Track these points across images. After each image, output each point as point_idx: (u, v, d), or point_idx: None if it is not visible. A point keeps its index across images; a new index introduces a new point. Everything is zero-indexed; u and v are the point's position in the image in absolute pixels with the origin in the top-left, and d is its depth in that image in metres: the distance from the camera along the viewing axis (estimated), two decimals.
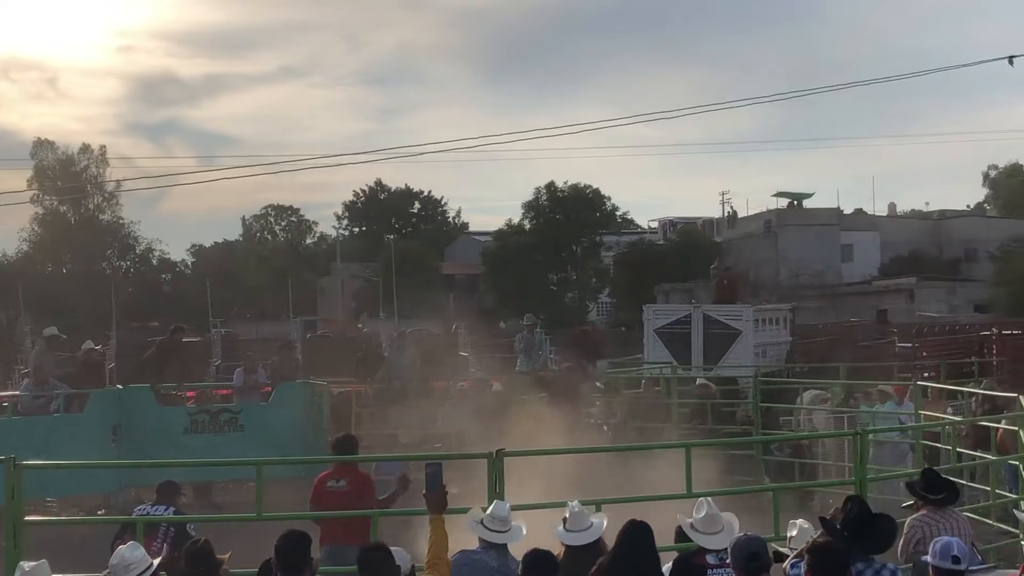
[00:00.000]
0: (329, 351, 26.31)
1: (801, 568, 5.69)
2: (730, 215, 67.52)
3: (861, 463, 9.31)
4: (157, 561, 5.94)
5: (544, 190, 61.73)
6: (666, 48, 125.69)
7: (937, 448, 13.44)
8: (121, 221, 71.30)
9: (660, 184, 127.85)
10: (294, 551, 5.77)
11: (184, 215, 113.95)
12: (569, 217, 61.05)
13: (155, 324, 45.84)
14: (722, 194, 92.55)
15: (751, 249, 55.98)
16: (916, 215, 72.20)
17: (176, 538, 8.13)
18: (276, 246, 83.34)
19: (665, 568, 6.13)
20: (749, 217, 64.63)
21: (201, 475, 14.66)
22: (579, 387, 16.80)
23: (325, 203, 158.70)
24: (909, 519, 7.48)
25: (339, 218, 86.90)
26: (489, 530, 6.33)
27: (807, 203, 62.48)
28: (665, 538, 6.54)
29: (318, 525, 8.65)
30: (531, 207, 62.05)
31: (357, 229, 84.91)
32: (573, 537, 6.27)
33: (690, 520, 6.33)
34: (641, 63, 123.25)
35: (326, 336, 35.73)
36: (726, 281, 24.25)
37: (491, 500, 7.04)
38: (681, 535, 6.44)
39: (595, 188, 63.84)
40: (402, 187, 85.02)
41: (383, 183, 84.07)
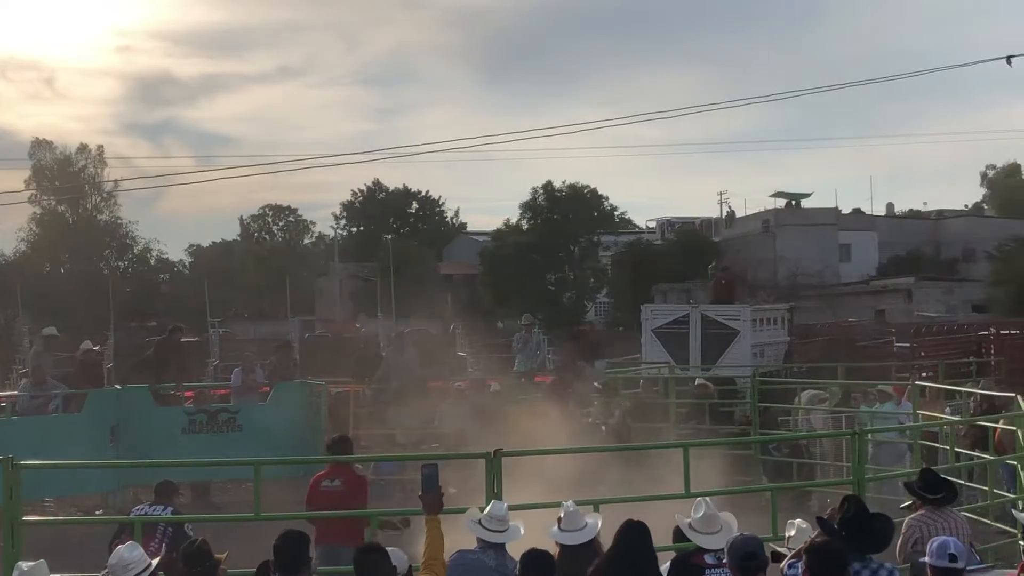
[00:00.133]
0: (327, 351, 26.28)
1: (798, 568, 5.68)
2: (728, 215, 67.52)
3: (859, 463, 9.32)
4: (155, 561, 5.93)
5: (542, 190, 61.67)
6: (664, 48, 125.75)
7: (935, 448, 13.46)
8: (119, 221, 71.16)
9: (658, 184, 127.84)
10: (292, 551, 5.78)
11: (182, 215, 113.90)
12: (567, 217, 60.93)
13: (153, 324, 45.72)
14: (720, 194, 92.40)
15: (749, 249, 55.96)
16: (914, 215, 72.19)
17: (174, 538, 8.12)
18: (274, 246, 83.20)
19: (663, 568, 6.14)
20: (747, 217, 64.62)
21: (199, 475, 14.70)
22: (571, 386, 16.79)
23: (323, 203, 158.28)
24: (907, 519, 7.49)
25: (337, 218, 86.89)
26: (487, 530, 6.34)
27: (805, 203, 62.52)
28: (665, 538, 6.55)
29: (313, 525, 8.66)
30: (529, 207, 61.93)
31: (355, 229, 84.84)
32: (567, 537, 6.28)
33: (688, 520, 6.33)
34: (639, 63, 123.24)
35: (324, 336, 35.66)
36: (724, 281, 24.19)
37: (489, 500, 7.05)
38: (679, 535, 6.45)
39: (593, 188, 63.79)
40: (400, 187, 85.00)
41: (381, 183, 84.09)
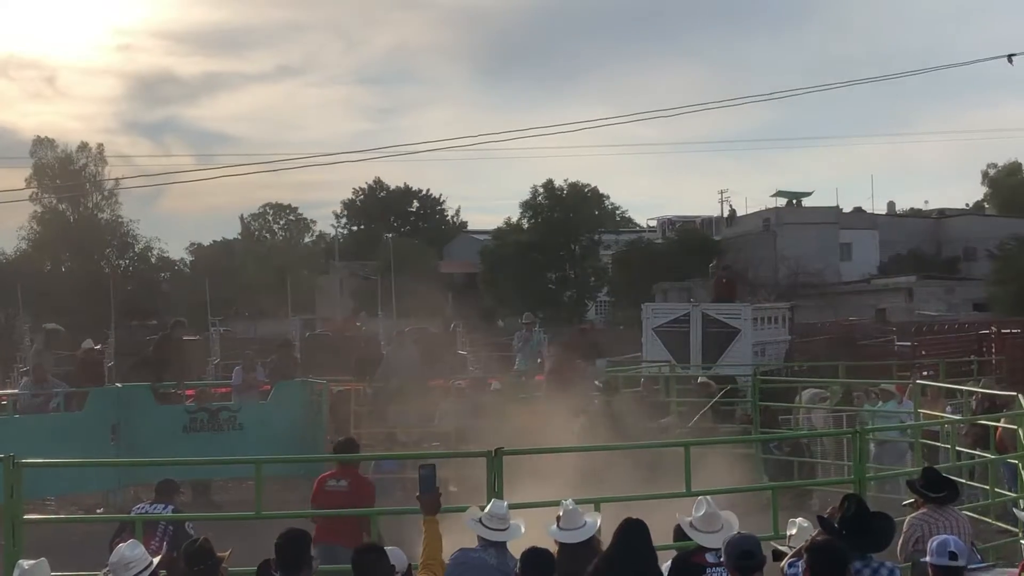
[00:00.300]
0: (328, 350, 26.25)
1: (799, 567, 5.67)
2: (729, 214, 67.52)
3: (860, 462, 9.31)
4: (156, 560, 5.93)
5: (542, 189, 61.64)
6: (664, 46, 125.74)
7: (936, 447, 13.46)
8: (120, 220, 71.10)
9: (658, 183, 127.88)
10: (294, 549, 5.77)
11: (182, 214, 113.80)
12: (568, 216, 60.92)
13: (154, 323, 45.74)
14: (721, 193, 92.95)
15: (750, 248, 55.94)
16: (915, 214, 72.19)
17: (175, 537, 8.12)
18: (274, 245, 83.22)
19: (664, 567, 6.13)
20: (748, 216, 64.62)
21: (200, 474, 14.70)
22: (570, 380, 16.73)
23: (323, 202, 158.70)
24: (909, 517, 7.48)
25: (338, 216, 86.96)
26: (488, 528, 6.34)
27: (806, 202, 62.56)
28: (667, 537, 6.55)
29: (314, 523, 8.65)
30: (529, 206, 61.93)
31: (355, 228, 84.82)
32: (566, 535, 6.28)
33: (689, 519, 6.33)
34: (639, 61, 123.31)
35: (324, 335, 35.62)
36: (725, 280, 24.18)
37: (490, 498, 7.05)
38: (680, 534, 6.45)
39: (594, 187, 63.87)
40: (401, 186, 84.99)
41: (382, 182, 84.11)
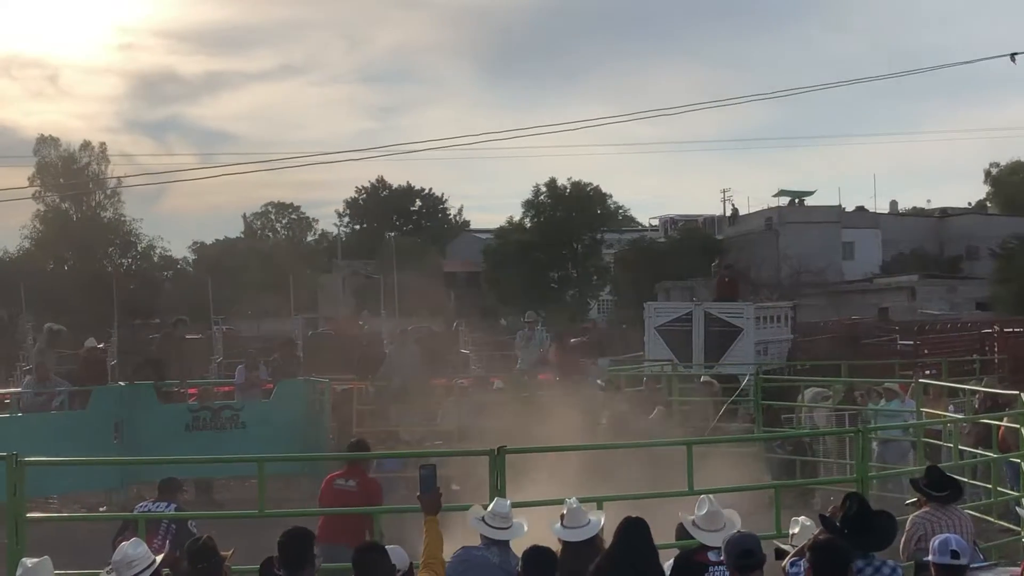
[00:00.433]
0: (330, 348, 26.24)
1: (801, 566, 5.67)
2: (731, 213, 67.47)
3: (863, 460, 9.31)
4: (159, 558, 5.93)
5: (545, 188, 61.62)
6: (667, 45, 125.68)
7: (939, 446, 13.45)
8: (122, 218, 71.14)
9: (661, 182, 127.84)
10: (297, 548, 5.78)
11: (185, 212, 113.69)
12: (570, 215, 60.88)
13: (157, 321, 45.69)
14: (723, 192, 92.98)
15: (752, 247, 55.90)
16: (917, 213, 72.03)
17: (177, 535, 8.14)
18: (277, 243, 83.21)
19: (666, 565, 6.14)
20: (750, 215, 64.53)
21: (202, 472, 14.72)
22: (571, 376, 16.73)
23: (325, 200, 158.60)
24: (911, 516, 7.48)
25: (340, 215, 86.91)
26: (490, 527, 6.35)
27: (808, 201, 62.46)
28: (669, 535, 6.55)
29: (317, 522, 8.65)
30: (532, 205, 61.89)
31: (358, 226, 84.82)
32: (569, 533, 6.28)
33: (691, 517, 6.33)
34: (642, 60, 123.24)
35: (327, 333, 35.60)
36: (727, 279, 24.20)
37: (493, 497, 7.05)
38: (683, 532, 6.45)
39: (596, 186, 63.73)
40: (403, 184, 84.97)
41: (384, 180, 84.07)
